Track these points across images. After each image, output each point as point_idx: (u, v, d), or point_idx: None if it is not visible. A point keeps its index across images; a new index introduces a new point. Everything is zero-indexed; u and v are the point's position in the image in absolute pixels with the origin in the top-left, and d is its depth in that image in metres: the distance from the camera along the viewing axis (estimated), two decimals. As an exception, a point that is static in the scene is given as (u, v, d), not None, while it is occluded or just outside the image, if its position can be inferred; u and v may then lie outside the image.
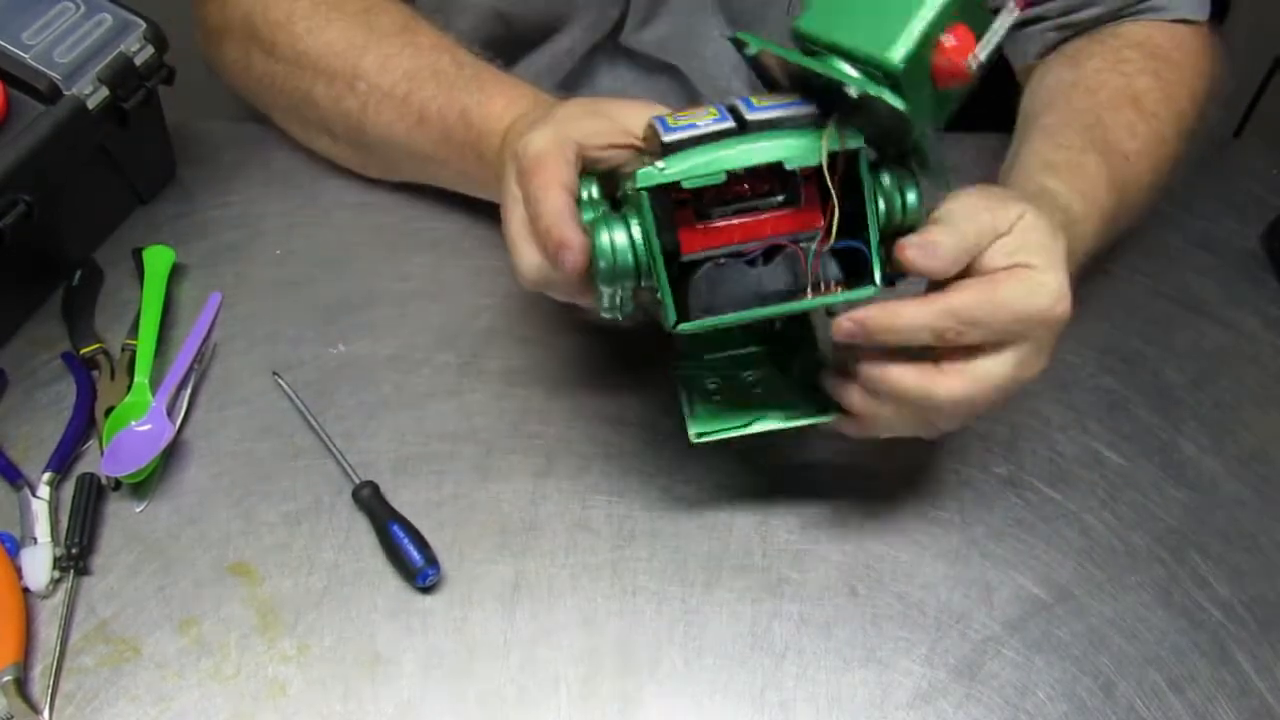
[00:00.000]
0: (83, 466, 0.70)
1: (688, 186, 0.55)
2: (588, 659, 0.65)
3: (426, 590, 0.66)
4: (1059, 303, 0.59)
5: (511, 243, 0.61)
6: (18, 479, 0.68)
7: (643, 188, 0.55)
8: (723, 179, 0.55)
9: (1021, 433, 0.75)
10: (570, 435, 0.73)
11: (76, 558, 0.65)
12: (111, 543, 0.67)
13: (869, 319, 0.57)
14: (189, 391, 0.73)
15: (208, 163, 0.85)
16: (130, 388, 0.72)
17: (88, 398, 0.72)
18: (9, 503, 0.68)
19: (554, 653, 0.65)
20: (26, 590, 0.64)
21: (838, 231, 0.56)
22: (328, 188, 0.85)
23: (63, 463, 0.69)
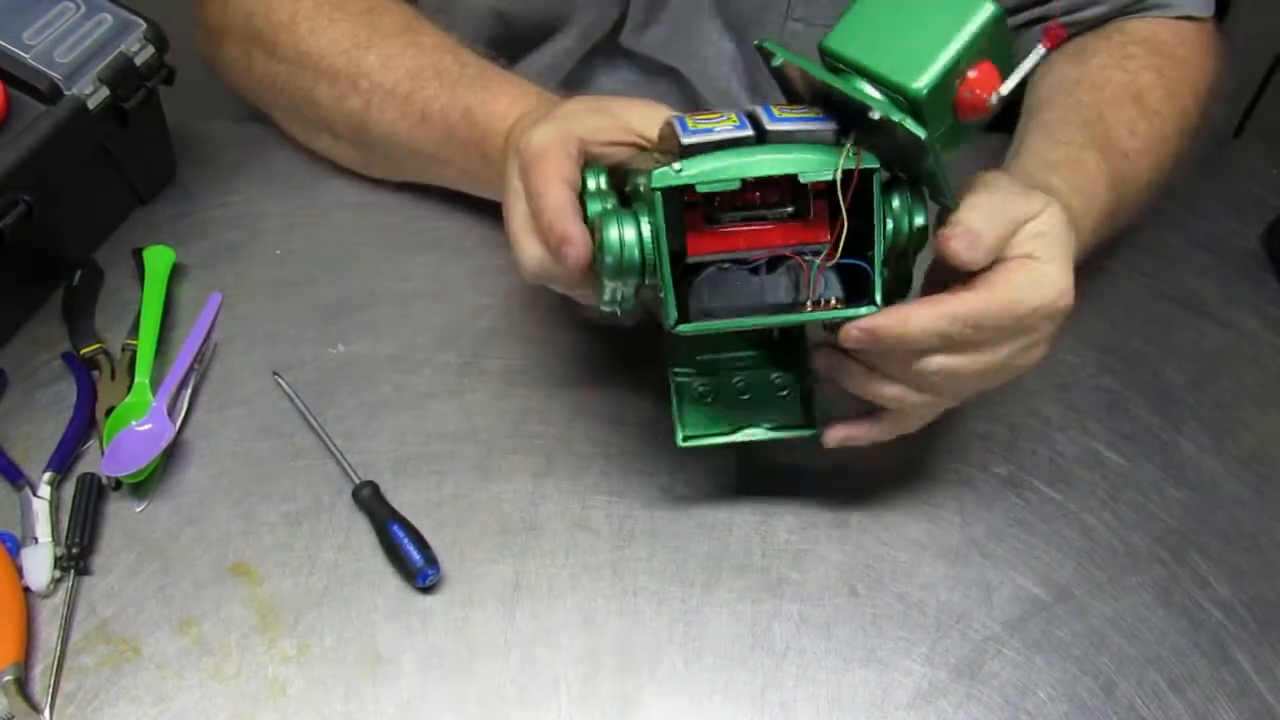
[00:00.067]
0: (83, 466, 0.70)
1: (702, 190, 0.55)
2: (588, 659, 0.65)
3: (426, 590, 0.66)
4: (1063, 296, 0.59)
5: (513, 236, 0.61)
6: (18, 479, 0.68)
7: (658, 188, 0.55)
8: (737, 186, 0.55)
9: (1021, 433, 0.75)
10: (570, 435, 0.73)
11: (77, 557, 0.65)
12: (112, 543, 0.67)
13: (879, 327, 0.57)
14: (189, 391, 0.73)
15: (208, 163, 0.85)
16: (130, 388, 0.72)
17: (88, 398, 0.72)
18: (10, 503, 0.68)
19: (554, 653, 0.65)
20: (27, 590, 0.64)
21: (843, 249, 0.57)
22: (328, 188, 0.85)
23: (63, 463, 0.69)
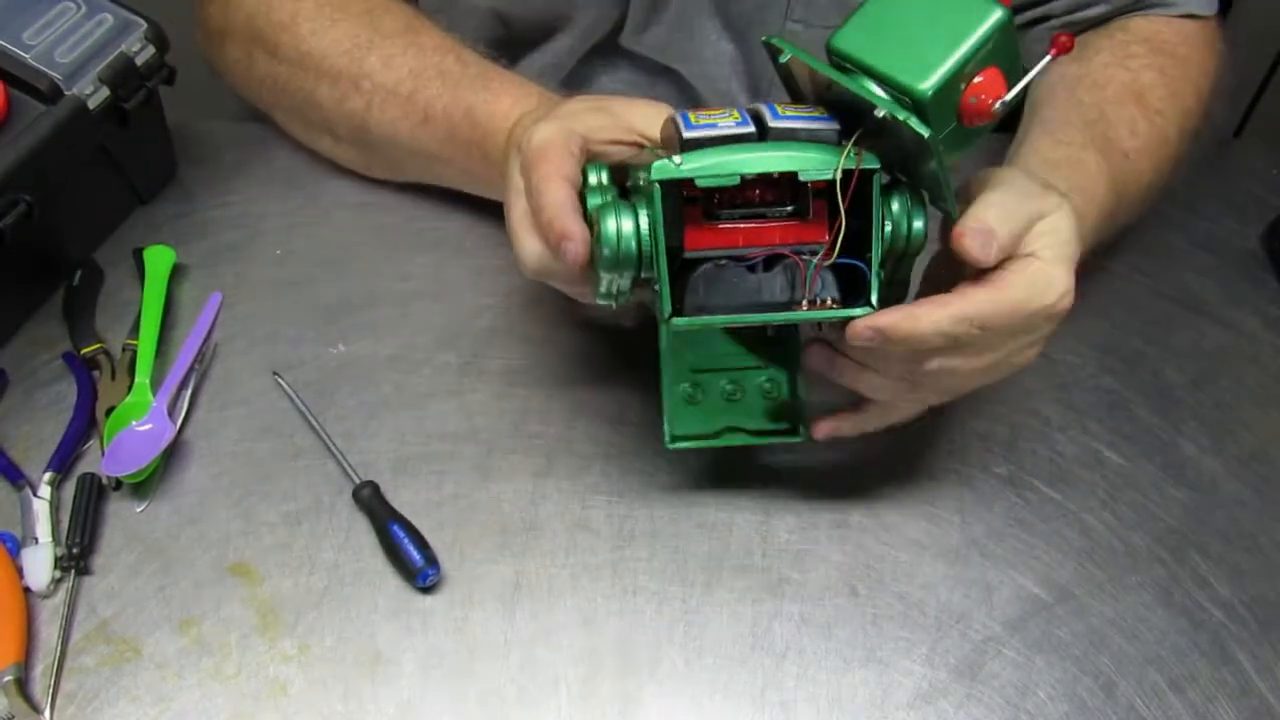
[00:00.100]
0: (83, 466, 0.70)
1: (701, 185, 0.55)
2: (588, 659, 0.65)
3: (426, 590, 0.66)
4: (1064, 298, 0.60)
5: (513, 233, 0.62)
6: (19, 479, 0.68)
7: (657, 180, 0.55)
8: (736, 182, 0.55)
9: (1021, 433, 0.76)
10: (570, 435, 0.73)
11: (77, 558, 0.65)
12: (112, 543, 0.67)
13: (890, 326, 0.57)
14: (189, 391, 0.73)
15: (208, 163, 0.85)
16: (131, 388, 0.72)
17: (88, 398, 0.72)
18: (10, 503, 0.68)
19: (554, 653, 0.65)
20: (27, 590, 0.64)
21: (841, 249, 0.57)
22: (328, 188, 0.85)
23: (63, 463, 0.69)
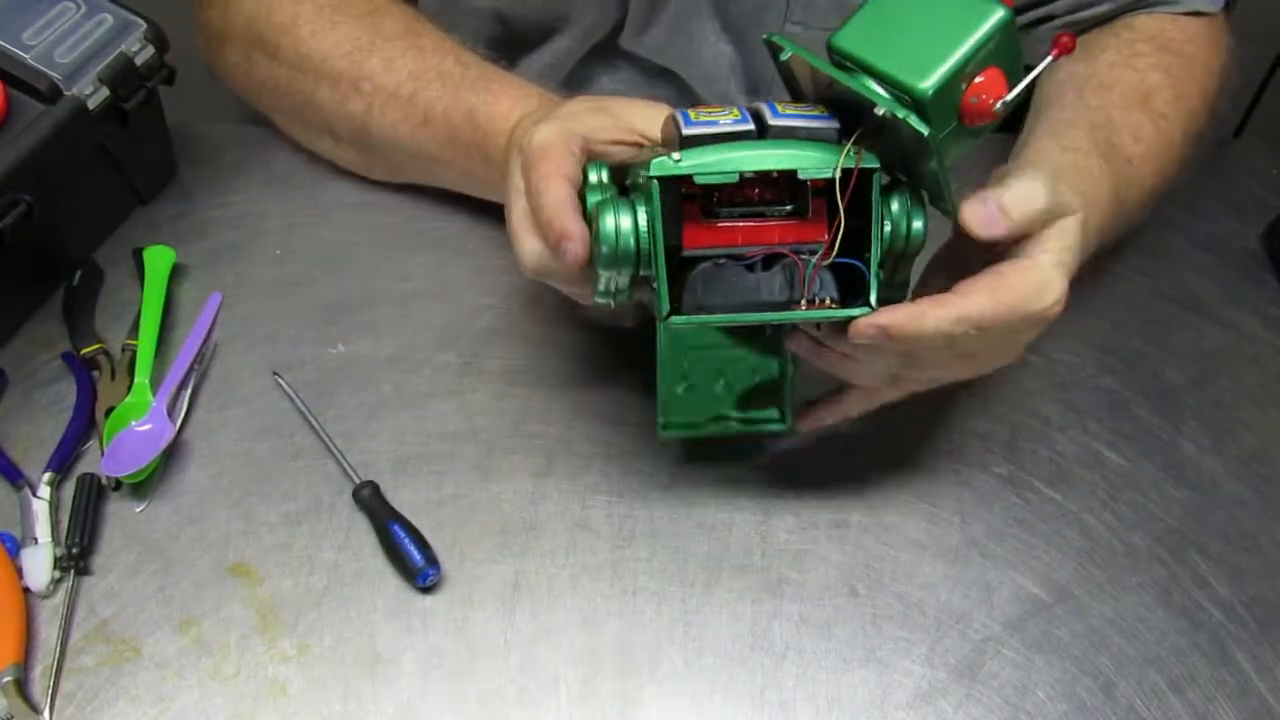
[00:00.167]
0: (83, 466, 0.70)
1: (700, 182, 0.55)
2: (588, 659, 0.65)
3: (426, 590, 0.66)
4: (1056, 304, 0.60)
5: (513, 233, 0.62)
6: (18, 479, 0.68)
7: (655, 176, 0.55)
8: (735, 179, 0.55)
9: (1021, 433, 0.75)
10: (570, 435, 0.73)
11: (77, 558, 0.65)
12: (112, 543, 0.67)
13: (894, 325, 0.57)
14: (189, 391, 0.73)
15: (208, 163, 0.85)
16: (130, 388, 0.72)
17: (88, 398, 0.72)
18: (9, 503, 0.68)
19: (554, 653, 0.65)
20: (27, 590, 0.64)
21: (840, 248, 0.57)
22: (328, 188, 0.85)
23: (63, 463, 0.69)
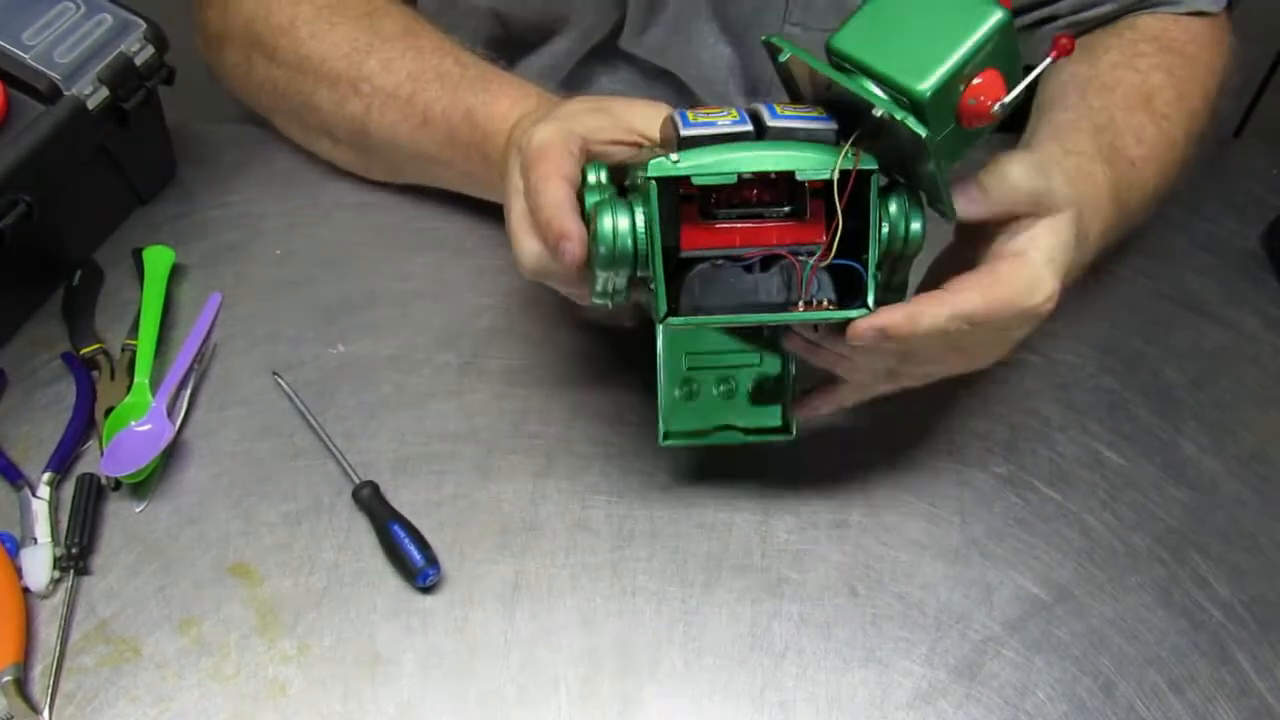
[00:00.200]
0: (83, 466, 0.70)
1: (697, 183, 0.55)
2: (588, 659, 0.65)
3: (426, 590, 0.66)
4: (1048, 300, 0.61)
5: (512, 233, 0.62)
6: (18, 479, 0.68)
7: (652, 177, 0.55)
8: (733, 180, 0.55)
9: (1021, 433, 0.75)
10: (570, 435, 0.73)
11: (76, 558, 0.65)
12: (111, 543, 0.67)
13: (891, 326, 0.57)
14: (189, 391, 0.73)
15: (208, 163, 0.85)
16: (130, 388, 0.72)
17: (88, 398, 0.72)
18: (9, 503, 0.68)
19: (554, 653, 0.65)
20: (26, 590, 0.64)
21: (838, 250, 0.57)
22: (328, 188, 0.85)
23: (63, 463, 0.69)
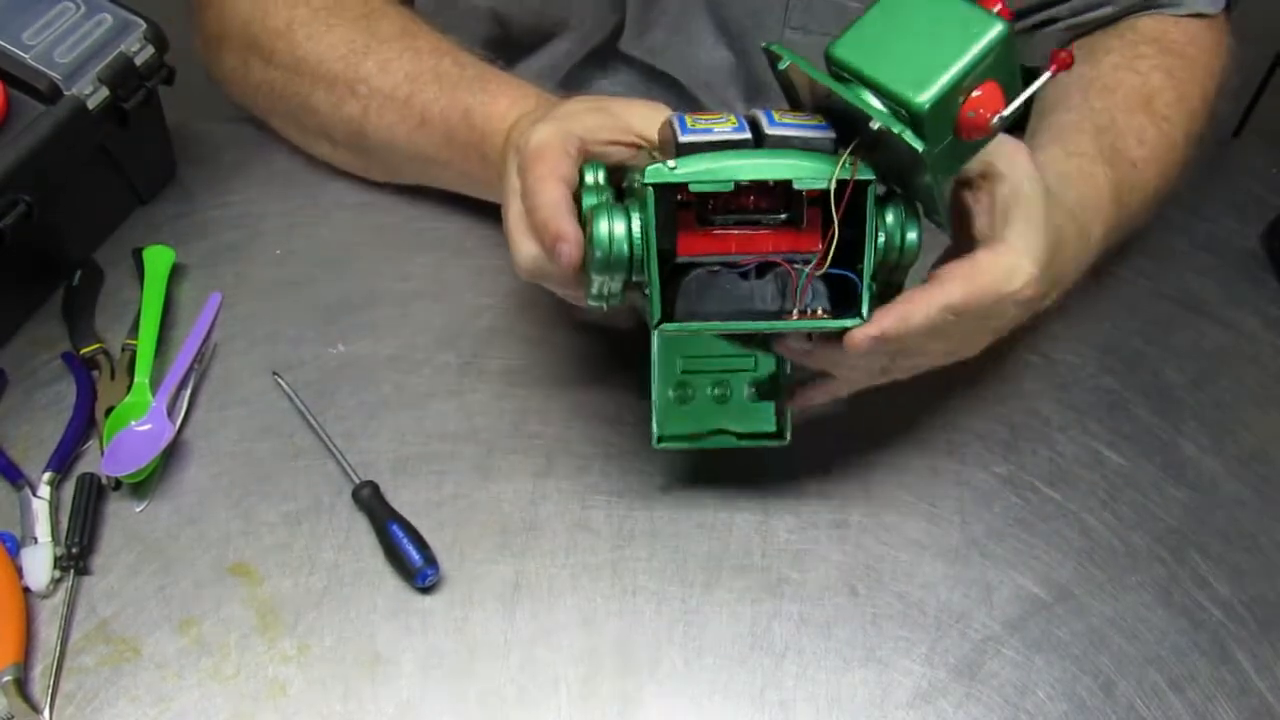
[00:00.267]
0: (83, 466, 0.70)
1: (695, 190, 0.55)
2: (588, 659, 0.65)
3: (426, 590, 0.66)
4: (1027, 287, 0.60)
5: (509, 234, 0.62)
6: (18, 479, 0.68)
7: (650, 183, 0.55)
8: (730, 188, 0.55)
9: (1021, 433, 0.75)
10: (570, 435, 0.73)
11: (77, 557, 0.65)
12: (111, 543, 0.67)
13: (886, 331, 0.57)
14: (189, 391, 0.73)
15: (208, 163, 0.85)
16: (130, 388, 0.72)
17: (88, 398, 0.72)
18: (9, 503, 0.68)
19: (554, 653, 0.65)
20: (27, 590, 0.64)
21: (833, 259, 0.57)
22: (328, 188, 0.85)
23: (63, 463, 0.69)
